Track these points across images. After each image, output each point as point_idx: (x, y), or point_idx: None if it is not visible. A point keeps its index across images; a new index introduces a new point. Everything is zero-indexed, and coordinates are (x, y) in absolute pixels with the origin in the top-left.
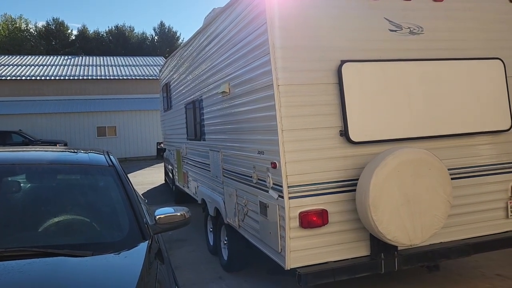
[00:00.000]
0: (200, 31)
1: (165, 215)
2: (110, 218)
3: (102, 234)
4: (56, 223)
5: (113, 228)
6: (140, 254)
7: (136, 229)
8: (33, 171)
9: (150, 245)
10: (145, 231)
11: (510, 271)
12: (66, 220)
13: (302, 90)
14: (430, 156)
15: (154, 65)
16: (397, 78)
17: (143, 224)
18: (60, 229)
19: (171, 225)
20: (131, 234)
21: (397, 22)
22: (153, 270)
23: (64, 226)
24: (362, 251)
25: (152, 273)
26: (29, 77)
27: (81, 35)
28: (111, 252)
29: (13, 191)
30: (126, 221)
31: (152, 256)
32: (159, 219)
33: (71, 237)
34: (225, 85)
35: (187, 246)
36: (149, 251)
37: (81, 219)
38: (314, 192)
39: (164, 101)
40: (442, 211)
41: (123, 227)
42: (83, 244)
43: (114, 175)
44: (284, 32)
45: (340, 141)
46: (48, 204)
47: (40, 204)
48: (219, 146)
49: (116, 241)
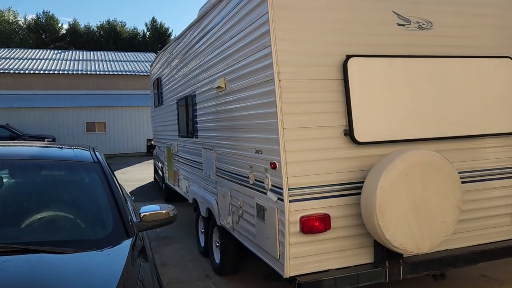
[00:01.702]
0: (194, 23)
1: (150, 213)
2: (94, 215)
3: (85, 231)
4: (39, 220)
5: (96, 225)
6: (123, 251)
7: (120, 226)
8: (16, 167)
9: (134, 243)
10: (129, 228)
11: (494, 272)
12: (49, 217)
13: (304, 86)
14: (441, 159)
15: (145, 61)
16: (405, 75)
17: (127, 222)
18: (43, 225)
19: (156, 222)
20: (114, 231)
21: (406, 16)
22: (136, 267)
23: (47, 223)
24: (365, 258)
25: (135, 271)
26: (18, 71)
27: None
28: (94, 249)
29: None
30: (110, 218)
31: (136, 253)
32: (144, 217)
33: (54, 234)
34: (221, 79)
35: (175, 244)
36: (133, 249)
37: (64, 215)
38: (316, 195)
39: (155, 97)
40: (452, 218)
41: (107, 224)
42: (65, 241)
43: (99, 172)
44: (286, 23)
45: (344, 141)
46: (31, 200)
47: (23, 200)
48: (213, 143)
49: (100, 238)
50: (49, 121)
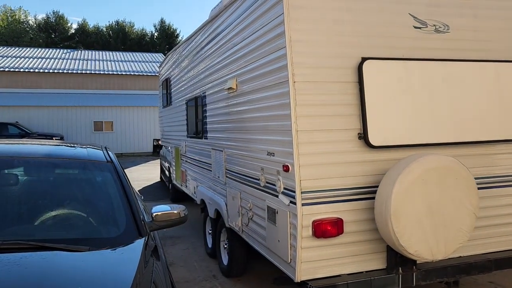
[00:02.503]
0: (205, 24)
1: (162, 213)
2: (107, 214)
3: (99, 230)
4: (54, 217)
5: (110, 224)
6: (136, 250)
7: (133, 225)
8: (31, 165)
9: (146, 242)
10: (142, 228)
11: (502, 278)
12: (63, 215)
13: (319, 88)
14: (457, 165)
15: (153, 62)
16: (421, 79)
17: (140, 221)
18: (57, 223)
19: (167, 222)
20: (128, 231)
21: (422, 19)
22: (149, 266)
23: (61, 221)
24: (378, 264)
25: (148, 270)
26: (27, 70)
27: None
28: (108, 248)
29: (11, 184)
30: (123, 218)
31: (148, 253)
32: (156, 216)
33: (68, 232)
34: (232, 81)
35: (181, 244)
36: (145, 248)
37: (78, 214)
38: (329, 199)
39: (163, 97)
40: (468, 225)
41: (120, 223)
42: (80, 239)
43: (112, 171)
44: (302, 24)
45: (359, 145)
46: (46, 198)
47: (37, 198)
48: (223, 145)
49: (113, 237)
50: (57, 120)
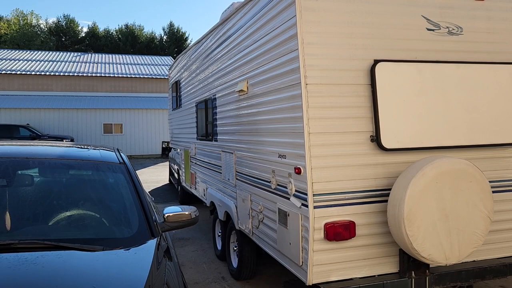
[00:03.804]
0: (216, 26)
1: (174, 214)
2: (120, 215)
3: (112, 230)
4: (68, 218)
5: (123, 224)
6: (149, 250)
7: (145, 226)
8: (46, 166)
9: (159, 243)
10: (154, 228)
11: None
12: (77, 215)
13: (331, 90)
14: (472, 168)
15: (162, 65)
16: (434, 81)
17: (152, 222)
18: (72, 223)
19: (179, 223)
20: (140, 231)
21: (435, 21)
22: (162, 267)
23: (76, 221)
24: (390, 267)
25: (161, 270)
26: (38, 73)
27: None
28: (121, 248)
29: (26, 185)
30: (136, 218)
31: (161, 253)
32: (168, 217)
33: (82, 232)
34: (243, 83)
35: (190, 246)
36: (158, 248)
37: (92, 214)
38: (341, 202)
39: (173, 100)
40: (482, 228)
41: (132, 224)
42: (93, 239)
43: (125, 172)
44: (314, 26)
45: (371, 147)
46: (60, 198)
47: (52, 198)
48: (233, 147)
49: (126, 238)
50: (67, 122)
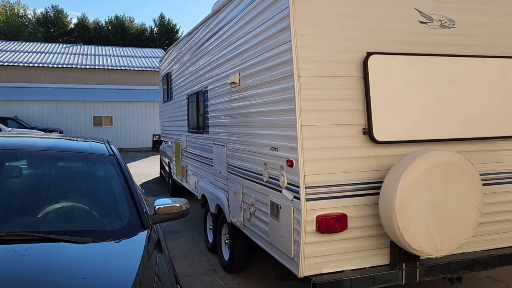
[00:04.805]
0: (208, 17)
1: (165, 206)
2: (111, 207)
3: (102, 222)
4: (57, 210)
5: (113, 216)
6: (140, 242)
7: (136, 218)
8: (34, 157)
9: (149, 235)
10: (145, 220)
11: (499, 274)
12: (67, 207)
13: (324, 82)
14: (463, 160)
15: (152, 57)
16: (426, 74)
17: (143, 214)
18: (61, 215)
19: (170, 215)
20: (131, 223)
21: (428, 14)
22: (153, 259)
23: (65, 213)
24: (381, 260)
25: (152, 262)
26: (26, 64)
27: (80, 24)
28: (111, 240)
29: (14, 176)
30: (126, 210)
31: (152, 245)
32: (159, 210)
33: (72, 224)
34: (235, 75)
35: (181, 239)
36: (149, 240)
37: (81, 206)
38: (333, 195)
39: (164, 92)
40: (472, 221)
41: (123, 216)
42: (83, 231)
43: (115, 164)
44: (307, 18)
45: (363, 140)
46: (49, 190)
47: (41, 190)
48: (225, 139)
49: (116, 230)
50: (56, 115)
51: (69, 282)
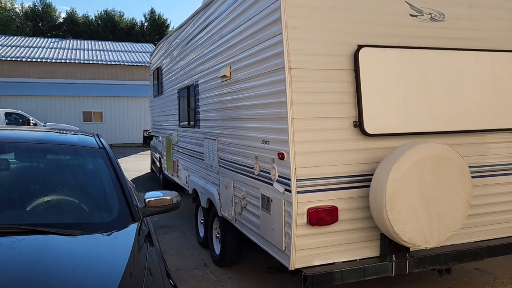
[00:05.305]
0: (198, 11)
1: (155, 199)
2: (100, 199)
3: (92, 215)
4: (46, 202)
5: (103, 209)
6: (130, 235)
7: (126, 210)
8: (22, 150)
9: (140, 227)
10: (135, 213)
11: (487, 265)
12: (56, 200)
13: (315, 75)
14: (452, 153)
15: (143, 52)
16: (417, 67)
17: (133, 206)
18: (50, 208)
19: (160, 208)
20: (121, 216)
21: (418, 7)
22: (143, 251)
23: (54, 206)
24: (372, 251)
25: (142, 254)
26: (14, 59)
27: (69, 18)
28: (101, 232)
29: (2, 169)
30: (116, 203)
31: (142, 238)
32: (149, 202)
33: (61, 217)
34: (226, 68)
35: (172, 233)
36: (139, 233)
37: (71, 199)
38: (324, 187)
39: (154, 87)
40: (461, 212)
41: (113, 209)
42: (73, 224)
43: (105, 157)
44: (298, 10)
45: (354, 133)
46: (38, 183)
47: (30, 183)
48: (216, 133)
49: (106, 222)
50: (45, 110)
51: (57, 273)
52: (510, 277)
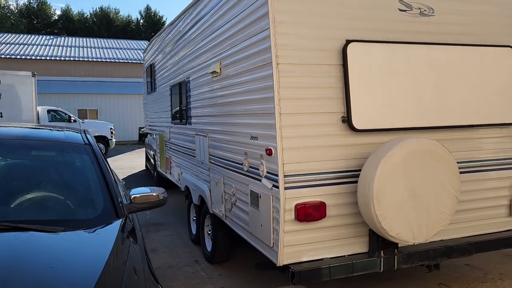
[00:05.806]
0: (189, 7)
1: (141, 195)
2: (84, 196)
3: (75, 211)
4: (29, 199)
5: (86, 205)
6: (112, 231)
7: (110, 207)
8: (6, 146)
9: (123, 224)
10: (119, 209)
11: (478, 261)
12: (39, 196)
13: (303, 70)
14: (440, 148)
15: (138, 49)
16: (405, 62)
17: (117, 203)
18: (33, 205)
19: (146, 205)
20: (104, 212)
21: (407, 2)
22: (125, 247)
23: (37, 202)
24: (360, 247)
25: (124, 250)
26: (9, 56)
27: (64, 15)
28: (83, 229)
29: None
30: (100, 199)
31: (125, 234)
32: (135, 199)
33: (44, 213)
34: (216, 64)
35: (164, 230)
36: (123, 230)
37: (54, 195)
38: (311, 183)
39: (148, 84)
40: (449, 208)
41: (97, 205)
42: (55, 220)
43: (90, 153)
44: (286, 5)
45: (342, 128)
46: (21, 179)
47: (13, 179)
48: (207, 130)
49: (89, 219)
50: None
51: (35, 270)
52: (500, 273)
